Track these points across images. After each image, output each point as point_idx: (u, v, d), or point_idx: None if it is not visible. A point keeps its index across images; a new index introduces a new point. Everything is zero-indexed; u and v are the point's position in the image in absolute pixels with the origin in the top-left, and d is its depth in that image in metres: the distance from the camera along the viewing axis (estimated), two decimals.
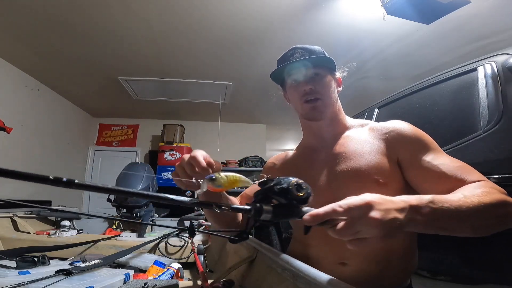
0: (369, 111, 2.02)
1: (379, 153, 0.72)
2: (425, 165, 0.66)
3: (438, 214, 0.47)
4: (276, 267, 0.65)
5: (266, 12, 2.25)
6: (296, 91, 0.81)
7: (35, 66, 3.10)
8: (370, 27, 2.43)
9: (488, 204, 0.50)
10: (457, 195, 0.52)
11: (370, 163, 0.70)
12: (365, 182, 0.69)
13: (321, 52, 0.82)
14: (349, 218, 0.42)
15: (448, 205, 0.48)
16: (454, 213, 0.47)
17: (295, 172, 0.84)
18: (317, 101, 0.79)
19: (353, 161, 0.72)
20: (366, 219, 0.41)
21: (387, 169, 0.69)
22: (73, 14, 2.24)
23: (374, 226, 0.41)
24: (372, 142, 0.75)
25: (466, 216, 0.48)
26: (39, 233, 1.62)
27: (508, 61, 1.15)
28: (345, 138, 0.80)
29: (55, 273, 0.88)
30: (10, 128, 2.97)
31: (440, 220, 0.48)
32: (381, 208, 0.42)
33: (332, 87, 0.82)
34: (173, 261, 1.30)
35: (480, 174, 0.62)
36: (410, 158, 0.69)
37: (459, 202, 0.49)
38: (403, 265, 0.70)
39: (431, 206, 0.47)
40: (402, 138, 0.72)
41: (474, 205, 0.49)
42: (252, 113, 4.76)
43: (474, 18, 2.29)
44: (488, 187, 0.55)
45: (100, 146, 4.86)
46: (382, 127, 0.77)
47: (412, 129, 0.73)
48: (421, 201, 0.47)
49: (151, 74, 3.35)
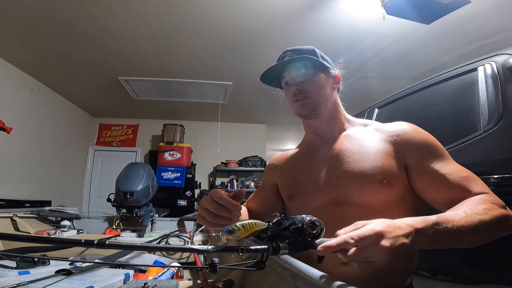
0: (369, 111, 2.02)
1: (386, 154, 0.71)
2: (432, 173, 0.66)
3: (441, 235, 0.50)
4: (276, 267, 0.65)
5: (266, 12, 2.25)
6: (287, 92, 0.83)
7: (35, 66, 3.10)
8: (370, 27, 2.43)
9: (487, 222, 0.53)
10: (459, 213, 0.53)
11: (375, 164, 0.70)
12: (370, 182, 0.68)
13: (311, 52, 0.81)
14: (360, 245, 0.44)
15: (451, 226, 0.51)
16: (456, 233, 0.50)
17: (295, 171, 0.84)
18: (305, 99, 0.79)
19: (357, 160, 0.72)
20: (376, 248, 0.43)
21: (393, 171, 0.69)
22: (73, 14, 2.24)
23: (384, 252, 0.43)
24: (377, 143, 0.74)
25: (466, 234, 0.51)
26: (39, 233, 1.62)
27: (508, 61, 1.15)
28: (346, 136, 0.80)
29: (55, 273, 0.88)
30: (10, 128, 2.97)
31: (442, 240, 0.51)
32: (390, 237, 0.44)
33: (323, 85, 0.81)
34: (173, 261, 1.30)
35: (484, 184, 0.63)
36: (417, 163, 0.69)
37: (461, 221, 0.51)
38: (403, 265, 0.70)
39: (436, 228, 0.50)
40: (411, 142, 0.71)
41: (475, 224, 0.52)
42: (252, 113, 4.76)
43: (474, 18, 2.29)
44: (489, 202, 0.57)
45: (100, 146, 4.86)
46: (390, 129, 0.76)
47: (420, 133, 0.73)
48: (426, 224, 0.50)
49: (151, 74, 3.35)
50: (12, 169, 3.12)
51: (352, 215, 0.67)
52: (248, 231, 0.44)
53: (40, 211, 1.91)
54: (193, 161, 4.76)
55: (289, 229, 0.44)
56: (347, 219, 0.52)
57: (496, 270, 1.03)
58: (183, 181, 4.32)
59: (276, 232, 0.45)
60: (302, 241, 0.44)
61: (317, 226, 0.45)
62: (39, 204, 2.19)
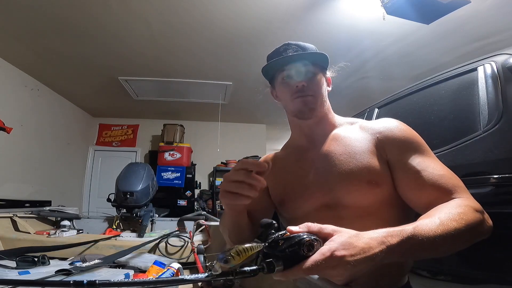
0: (369, 111, 2.02)
1: (370, 153, 0.71)
2: (408, 169, 0.66)
3: (416, 248, 0.47)
4: None
5: (266, 12, 2.25)
6: (288, 87, 0.78)
7: (35, 66, 3.10)
8: (370, 27, 2.43)
9: (463, 228, 0.50)
10: (434, 220, 0.51)
11: (361, 164, 0.69)
12: (358, 184, 0.68)
13: (314, 50, 0.80)
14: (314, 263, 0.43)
15: (427, 237, 0.47)
16: (431, 244, 0.48)
17: (285, 177, 0.81)
18: (308, 97, 0.76)
19: (344, 162, 0.71)
20: (333, 272, 0.43)
21: (379, 170, 0.68)
22: (73, 14, 2.24)
23: (340, 275, 0.43)
24: (362, 142, 0.73)
25: (442, 244, 0.49)
26: (39, 233, 1.62)
27: (508, 61, 1.15)
28: (334, 137, 0.78)
29: (55, 273, 0.88)
30: (10, 128, 2.97)
31: (417, 252, 0.48)
32: (351, 260, 0.42)
33: (323, 86, 0.80)
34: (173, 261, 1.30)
35: (460, 183, 0.62)
36: (397, 158, 0.68)
37: (436, 231, 0.48)
38: (399, 264, 0.70)
39: (411, 242, 0.46)
40: (392, 138, 0.71)
41: (450, 232, 0.49)
42: (252, 113, 4.76)
43: (474, 18, 2.29)
44: (464, 205, 0.55)
45: (100, 146, 4.86)
46: (373, 127, 0.75)
47: (403, 129, 0.72)
48: (402, 238, 0.46)
49: (151, 74, 3.35)
50: (12, 169, 3.12)
51: (345, 218, 0.67)
52: (243, 257, 0.43)
53: (40, 211, 1.91)
54: (193, 161, 4.76)
55: (286, 251, 0.43)
56: (340, 222, 0.52)
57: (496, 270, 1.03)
58: (183, 181, 4.33)
59: (271, 252, 0.45)
60: (297, 260, 0.43)
61: (314, 247, 0.44)
62: (39, 204, 2.19)
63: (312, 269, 0.42)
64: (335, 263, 0.41)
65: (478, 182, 1.04)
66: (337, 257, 0.41)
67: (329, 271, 0.42)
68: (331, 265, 0.41)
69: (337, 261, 0.41)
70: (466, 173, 1.08)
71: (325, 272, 0.43)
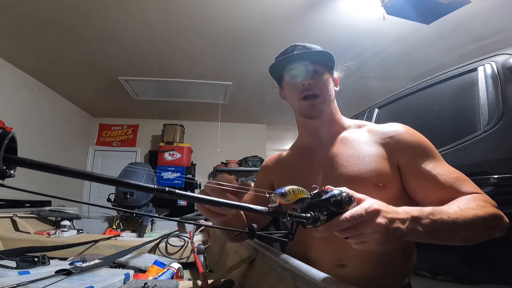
0: (369, 111, 2.02)
1: (379, 156, 0.71)
2: (423, 173, 0.67)
3: (437, 226, 0.50)
4: (276, 267, 0.65)
5: (266, 12, 2.25)
6: (294, 86, 0.79)
7: (35, 66, 3.10)
8: (370, 27, 2.43)
9: (481, 217, 0.53)
10: (453, 207, 0.54)
11: (369, 167, 0.70)
12: (365, 186, 0.68)
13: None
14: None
15: (446, 217, 0.50)
16: (450, 226, 0.50)
17: (292, 174, 0.82)
18: (316, 98, 0.77)
19: (352, 164, 0.72)
20: (371, 224, 0.43)
21: (387, 174, 0.69)
22: (73, 14, 2.24)
23: (377, 231, 0.44)
24: (371, 145, 0.74)
25: (461, 228, 0.51)
26: (39, 233, 1.62)
27: (508, 61, 1.15)
28: (342, 139, 0.79)
29: (55, 273, 0.88)
30: (10, 128, 2.97)
31: (437, 232, 0.50)
32: (387, 216, 0.45)
33: (330, 86, 0.80)
34: (173, 261, 1.30)
35: (475, 185, 0.64)
36: (409, 164, 0.69)
37: (455, 214, 0.51)
38: (401, 265, 0.70)
39: (431, 217, 0.50)
40: (403, 143, 0.71)
41: (469, 218, 0.52)
42: (252, 113, 4.76)
43: (474, 18, 2.29)
44: (482, 200, 0.58)
45: (100, 146, 4.86)
46: (382, 131, 0.76)
47: (413, 135, 0.73)
48: (422, 213, 0.50)
49: (151, 74, 3.35)
50: None
51: None
52: (296, 196, 0.47)
53: (40, 211, 1.91)
54: (193, 161, 4.76)
55: (330, 201, 0.46)
56: None
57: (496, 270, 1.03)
58: (183, 181, 4.33)
59: (314, 203, 0.47)
60: (337, 213, 0.45)
61: (353, 202, 0.46)
62: (39, 204, 2.19)
63: (352, 220, 0.43)
64: (373, 216, 0.44)
65: (478, 182, 1.04)
66: (376, 209, 0.44)
67: (368, 224, 0.44)
68: (370, 217, 0.44)
69: (376, 214, 0.44)
70: (466, 173, 1.07)
71: (364, 226, 0.44)
